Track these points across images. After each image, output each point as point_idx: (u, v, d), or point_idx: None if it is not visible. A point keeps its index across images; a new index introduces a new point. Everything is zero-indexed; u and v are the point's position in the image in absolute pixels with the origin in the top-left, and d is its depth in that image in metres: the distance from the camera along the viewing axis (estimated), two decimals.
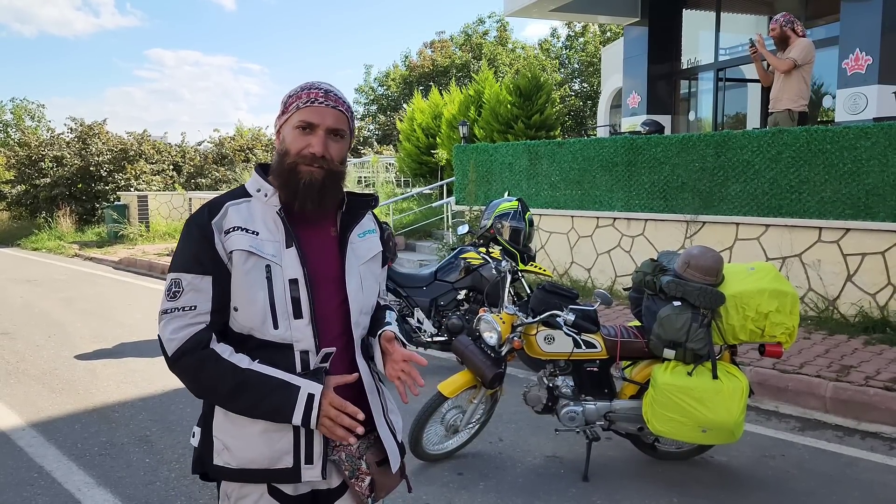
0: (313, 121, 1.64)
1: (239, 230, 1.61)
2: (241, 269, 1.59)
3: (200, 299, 1.60)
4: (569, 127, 27.08)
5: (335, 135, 1.67)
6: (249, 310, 1.60)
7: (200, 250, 1.60)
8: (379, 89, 37.32)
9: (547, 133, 14.67)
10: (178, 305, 1.59)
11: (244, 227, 1.62)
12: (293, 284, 1.61)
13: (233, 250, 1.59)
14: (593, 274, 8.29)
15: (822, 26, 11.17)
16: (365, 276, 1.75)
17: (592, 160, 8.21)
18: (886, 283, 5.87)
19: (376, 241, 1.83)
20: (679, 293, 3.54)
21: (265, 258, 1.60)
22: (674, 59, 13.64)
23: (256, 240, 1.61)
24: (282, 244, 1.63)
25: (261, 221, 1.64)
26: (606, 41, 28.73)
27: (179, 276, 1.61)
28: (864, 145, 5.95)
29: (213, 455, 1.67)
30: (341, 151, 1.70)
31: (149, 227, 17.03)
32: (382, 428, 1.74)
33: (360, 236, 1.77)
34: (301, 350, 1.63)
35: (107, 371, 5.96)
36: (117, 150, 19.92)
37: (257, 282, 1.59)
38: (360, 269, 1.74)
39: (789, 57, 7.00)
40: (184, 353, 1.58)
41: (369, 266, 1.78)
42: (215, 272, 1.60)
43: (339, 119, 1.67)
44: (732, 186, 6.90)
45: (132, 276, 12.01)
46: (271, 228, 1.64)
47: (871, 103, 9.38)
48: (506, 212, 4.72)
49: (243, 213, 1.64)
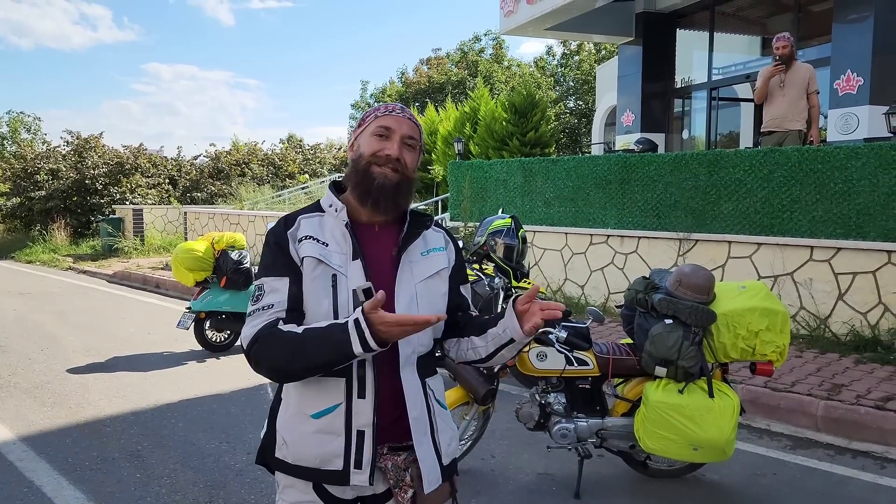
0: (391, 125, 1.76)
1: (311, 239, 1.73)
2: (310, 276, 1.70)
3: (277, 298, 1.70)
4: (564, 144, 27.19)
5: (409, 143, 1.78)
6: (315, 315, 1.70)
7: (277, 256, 1.74)
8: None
9: (542, 150, 14.75)
10: (259, 307, 1.71)
11: (315, 237, 1.74)
12: (356, 295, 1.68)
13: (304, 256, 1.71)
14: (587, 290, 8.31)
15: (814, 47, 11.31)
16: (423, 294, 1.78)
17: (586, 177, 8.26)
18: (877, 303, 5.90)
19: (443, 258, 1.87)
20: (671, 311, 3.57)
21: (332, 267, 1.71)
22: (667, 77, 13.76)
23: (325, 250, 1.73)
24: (348, 256, 1.73)
25: (330, 234, 1.76)
26: (601, 59, 28.94)
27: (261, 282, 1.74)
28: (855, 165, 6.01)
29: (275, 448, 1.77)
30: (414, 161, 1.81)
31: (144, 240, 17.01)
32: (421, 447, 1.75)
33: (424, 254, 1.83)
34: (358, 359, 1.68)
35: (99, 385, 5.95)
36: (113, 164, 19.92)
37: (324, 289, 1.70)
38: (418, 287, 1.78)
39: (814, 91, 7.28)
40: (256, 341, 1.66)
41: (431, 283, 1.81)
42: (290, 274, 1.71)
43: (414, 129, 1.80)
44: (725, 205, 6.95)
45: (126, 289, 11.98)
46: (339, 241, 1.75)
47: (863, 124, 9.48)
48: (499, 229, 4.74)
49: (315, 225, 1.77)
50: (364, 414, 1.68)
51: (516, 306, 1.75)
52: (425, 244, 1.85)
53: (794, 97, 7.21)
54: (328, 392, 1.70)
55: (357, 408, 1.69)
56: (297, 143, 29.19)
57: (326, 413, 1.70)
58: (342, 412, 1.69)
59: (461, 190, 9.89)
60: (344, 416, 1.69)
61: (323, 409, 1.70)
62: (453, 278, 1.90)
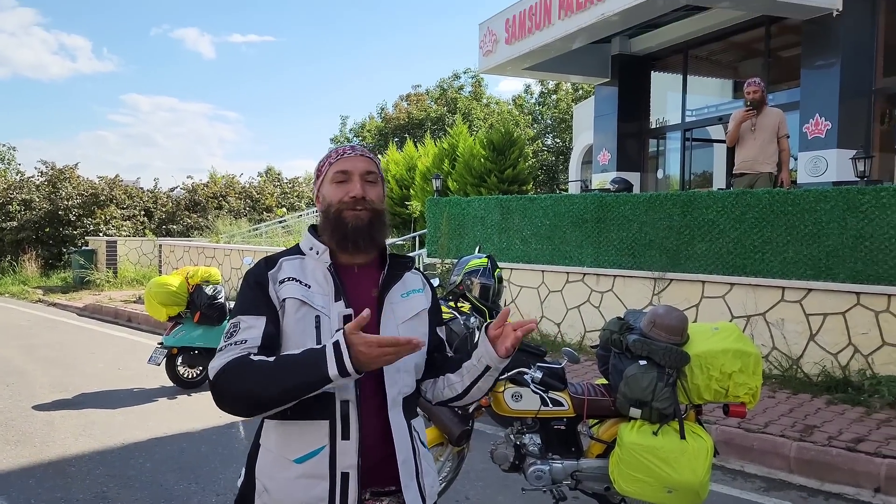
0: (347, 168, 1.80)
1: (294, 281, 1.74)
2: (293, 317, 1.71)
3: (251, 335, 1.68)
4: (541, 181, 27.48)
5: (369, 178, 1.81)
6: None
7: (256, 295, 1.74)
8: (354, 140, 37.64)
9: (519, 187, 14.87)
10: (231, 342, 1.69)
11: (298, 278, 1.75)
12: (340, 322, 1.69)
13: (285, 298, 1.71)
14: (563, 329, 8.33)
15: (784, 91, 11.61)
16: (405, 336, 1.76)
17: (563, 216, 8.34)
18: (847, 344, 5.98)
19: (421, 299, 1.89)
20: (645, 352, 3.58)
21: (315, 309, 1.71)
22: (642, 118, 14.03)
23: (308, 291, 1.73)
24: (331, 297, 1.74)
25: (312, 276, 1.77)
26: (578, 99, 29.43)
27: (237, 319, 1.72)
28: (824, 208, 6.14)
29: (254, 496, 1.73)
30: (379, 193, 1.84)
31: (116, 273, 16.79)
32: (409, 491, 1.75)
33: (403, 296, 1.84)
34: (342, 399, 1.68)
35: (65, 422, 5.81)
36: (88, 195, 19.74)
37: (307, 330, 1.69)
38: (400, 329, 1.79)
39: (784, 135, 7.45)
40: (223, 371, 1.63)
41: (412, 325, 1.82)
42: (268, 314, 1.71)
43: (370, 163, 1.83)
44: (698, 245, 7.04)
45: (97, 323, 11.78)
46: (321, 283, 1.76)
47: (831, 166, 9.71)
48: (475, 268, 4.74)
49: (297, 267, 1.79)
50: (349, 455, 1.67)
51: (489, 332, 1.77)
52: (404, 286, 1.86)
53: (764, 141, 7.38)
54: (312, 435, 1.69)
55: (342, 449, 1.67)
56: (276, 176, 29.18)
57: (311, 457, 1.68)
58: (326, 455, 1.67)
59: (439, 226, 9.92)
60: (328, 459, 1.67)
61: (307, 452, 1.68)
62: (431, 319, 1.91)
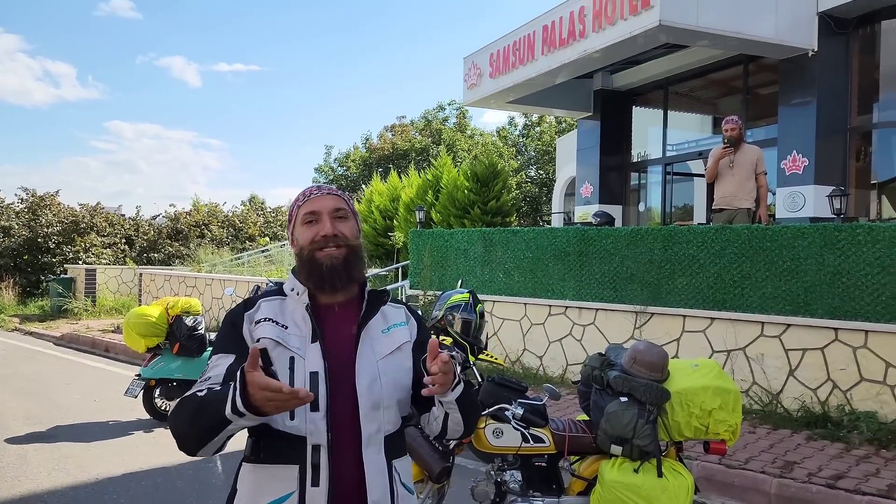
0: (315, 208, 1.79)
1: (269, 321, 1.74)
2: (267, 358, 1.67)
3: (216, 372, 1.68)
4: (525, 213, 27.64)
5: (339, 215, 1.80)
6: None
7: (228, 334, 1.75)
8: (339, 170, 37.70)
9: (503, 219, 14.96)
10: (199, 380, 1.69)
11: (275, 319, 1.74)
12: (313, 378, 1.68)
13: (260, 338, 1.70)
14: (545, 362, 8.32)
15: (762, 127, 11.83)
16: (386, 371, 1.76)
17: (545, 249, 8.38)
18: (826, 379, 6.02)
19: (404, 332, 1.86)
20: (626, 388, 3.59)
21: (290, 350, 1.70)
22: (624, 152, 14.21)
23: (284, 332, 1.72)
24: (307, 338, 1.72)
25: (290, 317, 1.76)
26: (562, 131, 29.77)
27: (211, 359, 1.73)
28: (802, 244, 6.22)
29: None
30: (352, 228, 1.83)
31: (95, 301, 16.59)
32: None
33: (384, 331, 1.82)
34: (313, 444, 1.66)
35: (38, 456, 5.69)
36: (68, 222, 19.59)
37: (280, 372, 1.65)
38: (380, 364, 1.76)
39: (761, 172, 7.52)
40: (174, 408, 1.63)
41: (394, 359, 1.80)
42: (237, 351, 1.70)
43: (338, 201, 1.82)
44: (679, 279, 7.10)
45: (73, 353, 11.61)
46: (299, 324, 1.75)
47: (809, 202, 9.87)
48: (457, 304, 4.75)
49: (275, 308, 1.78)
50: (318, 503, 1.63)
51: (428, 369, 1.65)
52: (385, 321, 1.84)
53: (742, 177, 7.49)
54: (281, 480, 1.66)
55: (311, 497, 1.64)
56: (259, 204, 29.18)
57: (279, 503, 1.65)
58: (295, 501, 1.64)
59: (422, 258, 9.93)
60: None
61: (275, 498, 1.65)
62: (416, 351, 1.86)
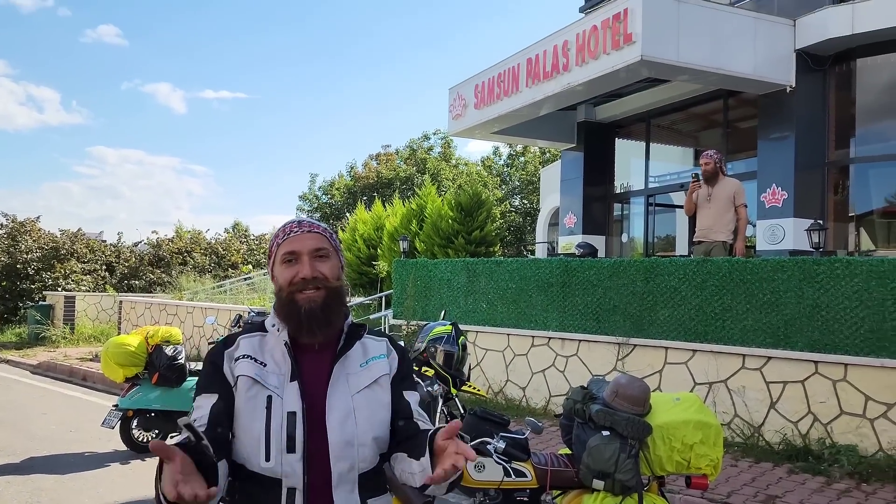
0: (294, 248, 1.74)
1: (248, 358, 1.72)
2: (244, 396, 1.67)
3: (200, 413, 1.67)
4: (509, 242, 27.75)
5: (320, 255, 1.75)
6: (245, 438, 1.65)
7: (210, 374, 1.73)
8: (323, 198, 37.73)
9: (487, 248, 15.00)
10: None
11: (254, 356, 1.72)
12: (291, 418, 1.64)
13: (239, 375, 1.69)
14: (528, 393, 8.29)
15: (742, 160, 12.00)
16: (361, 406, 1.72)
17: (529, 280, 8.40)
18: (807, 412, 6.05)
19: (383, 365, 1.80)
20: (608, 422, 3.58)
21: (268, 388, 1.67)
22: (607, 183, 14.36)
23: (263, 370, 1.70)
24: (286, 377, 1.69)
25: (269, 354, 1.74)
26: (546, 161, 30.03)
27: (195, 401, 1.72)
28: (781, 278, 6.29)
29: None
30: (333, 269, 1.77)
31: (73, 329, 16.37)
32: None
33: (363, 365, 1.78)
34: (289, 487, 1.63)
35: (11, 490, 5.56)
36: (48, 248, 19.38)
37: (257, 410, 1.65)
38: (355, 399, 1.71)
39: (740, 205, 7.54)
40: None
41: (371, 394, 1.74)
42: (220, 391, 1.69)
43: (319, 240, 1.76)
44: (661, 311, 7.13)
45: (50, 381, 11.41)
46: (279, 361, 1.72)
47: (789, 235, 10.00)
48: (439, 336, 4.76)
49: (255, 345, 1.76)
50: None
51: (436, 440, 1.58)
52: (364, 354, 1.80)
53: (719, 210, 7.57)
54: None
55: None
56: (243, 231, 29.05)
57: None
58: None
59: (405, 288, 9.91)
60: None
61: None
62: (396, 385, 1.81)
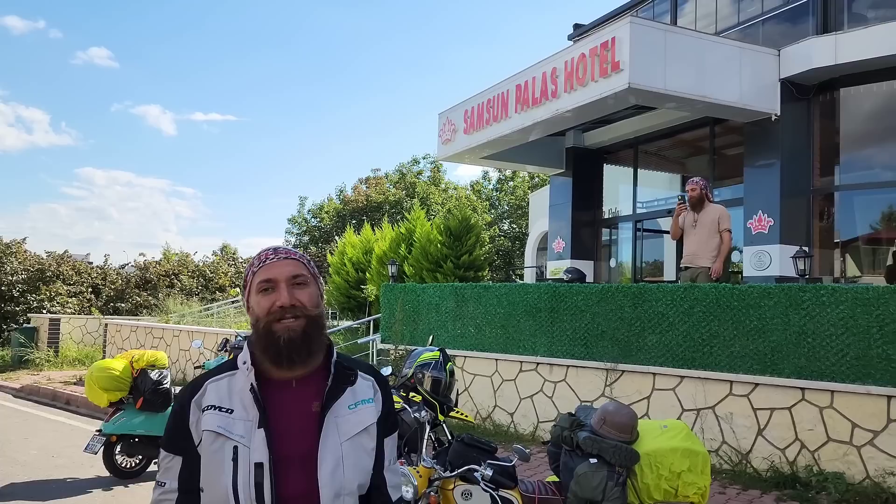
0: (271, 276, 1.65)
1: (213, 409, 1.61)
2: (209, 450, 1.58)
3: (169, 477, 1.63)
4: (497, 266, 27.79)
5: (298, 282, 1.66)
6: (212, 493, 1.57)
7: (175, 429, 1.64)
8: (312, 221, 37.76)
9: (475, 273, 15.00)
10: (158, 479, 1.67)
11: (219, 405, 1.61)
12: (258, 469, 1.55)
13: (204, 430, 1.59)
14: (516, 419, 8.26)
15: (728, 187, 12.13)
16: (349, 454, 1.63)
17: (517, 305, 8.40)
18: (794, 439, 6.05)
19: (370, 411, 1.71)
20: (595, 450, 3.58)
21: (233, 439, 1.57)
22: (596, 208, 14.45)
23: (228, 419, 1.59)
24: (254, 423, 1.59)
25: (238, 398, 1.62)
26: (535, 186, 30.22)
27: (162, 453, 1.67)
28: (768, 304, 6.32)
29: None
30: (312, 296, 1.68)
31: (58, 352, 16.19)
32: None
33: (351, 408, 1.68)
34: None
35: None
36: (33, 270, 19.24)
37: (223, 464, 1.56)
38: (344, 447, 1.63)
39: (724, 230, 7.63)
40: None
41: (359, 441, 1.66)
42: (185, 454, 1.61)
43: (297, 266, 1.68)
44: (649, 337, 7.14)
45: (33, 405, 11.25)
46: (247, 406, 1.61)
47: (775, 261, 10.08)
48: (427, 362, 4.75)
49: (222, 389, 1.64)
50: None
51: None
52: (353, 396, 1.70)
53: (704, 236, 7.66)
54: None
55: None
56: (231, 254, 29.00)
57: None
58: None
59: (394, 312, 9.89)
60: None
61: None
62: (380, 426, 1.73)
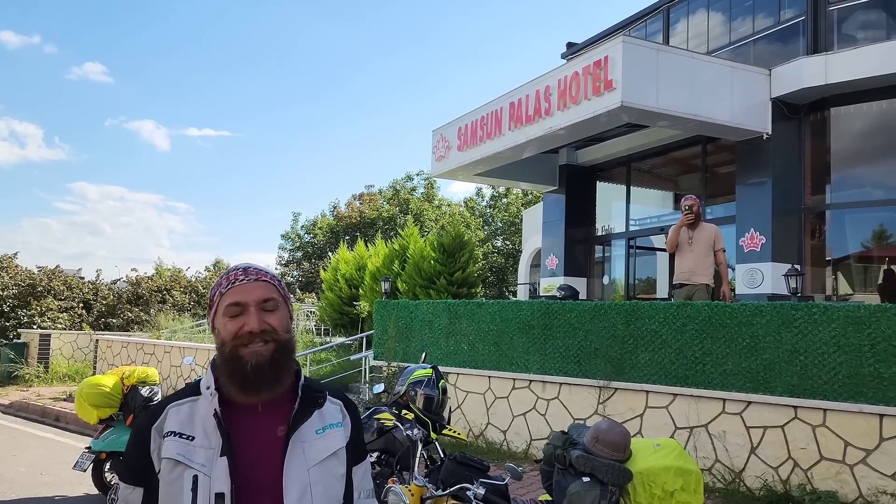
0: (240, 299, 1.58)
1: (173, 436, 1.54)
2: (168, 479, 1.51)
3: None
4: (491, 283, 27.79)
5: (268, 306, 1.59)
6: None
7: (134, 459, 1.57)
8: (305, 236, 37.72)
9: (469, 289, 15.01)
10: None
11: (180, 431, 1.55)
12: (219, 499, 1.49)
13: (164, 458, 1.52)
14: (509, 436, 8.22)
15: (721, 204, 12.19)
16: (317, 480, 1.57)
17: (510, 322, 8.39)
18: (787, 458, 6.04)
19: (339, 435, 1.66)
20: (588, 468, 3.57)
21: (193, 468, 1.51)
22: (589, 225, 14.49)
23: (188, 446, 1.53)
24: (216, 451, 1.52)
25: (200, 424, 1.56)
26: (528, 203, 30.29)
27: (121, 486, 1.59)
28: (760, 322, 6.33)
29: None
30: (282, 320, 1.61)
31: (48, 367, 16.06)
32: None
33: (319, 432, 1.62)
34: None
35: None
36: (24, 285, 19.13)
37: (181, 494, 1.49)
38: (312, 473, 1.57)
39: (719, 249, 7.79)
40: None
41: (327, 466, 1.61)
42: (146, 484, 1.54)
43: (268, 288, 1.61)
44: (642, 354, 7.14)
45: (21, 421, 11.15)
46: (209, 432, 1.54)
47: (767, 279, 10.11)
48: (419, 379, 4.73)
49: (183, 415, 1.57)
50: None
51: None
52: (321, 420, 1.65)
53: (700, 254, 7.71)
54: None
55: None
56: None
57: None
58: None
59: (386, 329, 9.86)
60: None
61: None
62: (349, 452, 1.69)
